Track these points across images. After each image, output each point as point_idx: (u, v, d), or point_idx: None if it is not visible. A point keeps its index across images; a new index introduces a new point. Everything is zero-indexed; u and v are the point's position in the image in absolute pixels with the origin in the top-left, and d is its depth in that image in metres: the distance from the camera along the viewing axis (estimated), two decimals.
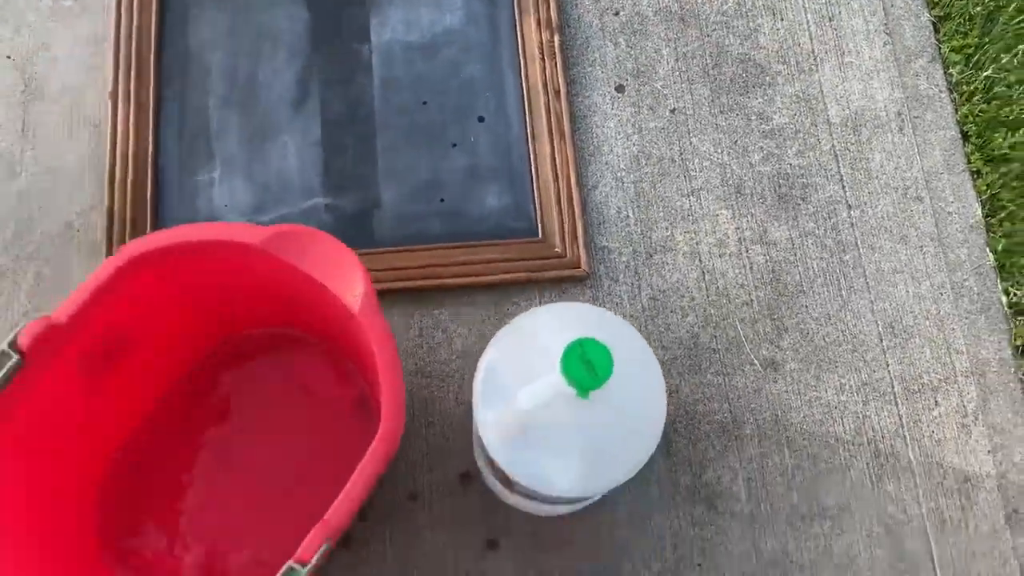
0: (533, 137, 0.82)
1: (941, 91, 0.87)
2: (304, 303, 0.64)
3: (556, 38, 0.84)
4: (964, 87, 0.86)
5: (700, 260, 0.81)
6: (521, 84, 0.84)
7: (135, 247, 0.56)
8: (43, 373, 0.56)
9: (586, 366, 0.47)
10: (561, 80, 0.83)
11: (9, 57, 0.84)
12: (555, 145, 0.82)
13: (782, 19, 0.88)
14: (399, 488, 0.74)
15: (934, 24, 0.89)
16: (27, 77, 0.83)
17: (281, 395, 0.73)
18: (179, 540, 0.69)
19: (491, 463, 0.60)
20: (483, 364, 0.57)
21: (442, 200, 0.81)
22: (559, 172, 0.81)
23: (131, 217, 0.78)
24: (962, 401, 0.77)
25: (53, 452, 0.62)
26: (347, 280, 0.57)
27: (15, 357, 0.53)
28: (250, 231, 0.57)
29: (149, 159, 0.80)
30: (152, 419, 0.71)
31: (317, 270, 0.57)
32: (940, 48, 0.88)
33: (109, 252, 0.77)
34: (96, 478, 0.69)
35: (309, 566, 0.50)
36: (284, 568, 0.51)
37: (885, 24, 0.89)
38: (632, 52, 0.87)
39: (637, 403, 0.54)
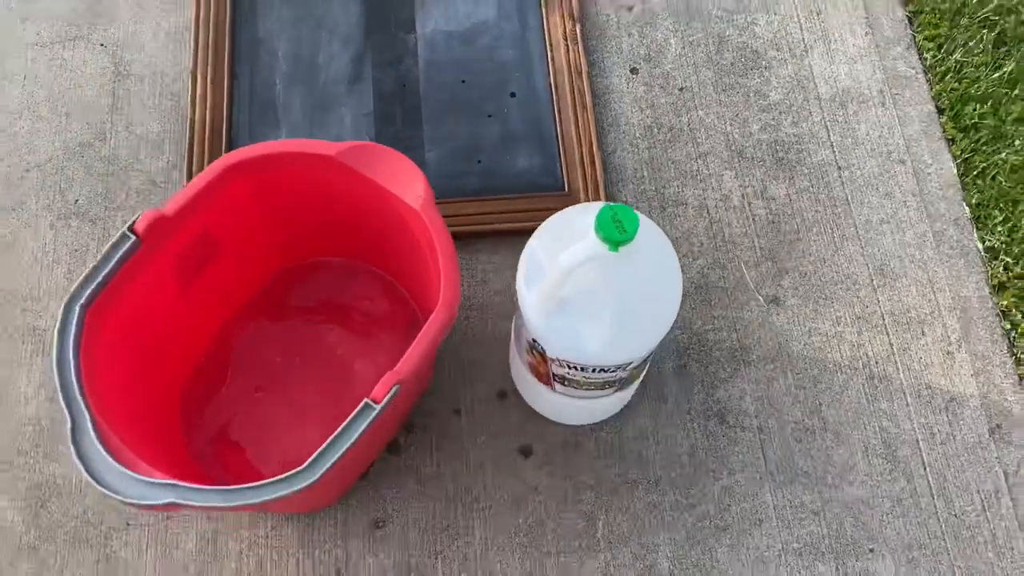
0: (559, 109, 0.93)
1: (917, 73, 0.98)
2: (367, 220, 0.74)
3: (578, 27, 0.97)
4: (937, 69, 0.98)
5: (708, 213, 0.91)
6: (548, 66, 0.96)
7: (234, 156, 0.67)
8: (149, 262, 0.66)
9: (616, 225, 0.57)
10: (583, 62, 0.95)
11: (103, 45, 0.96)
12: (578, 115, 0.93)
13: (775, 13, 1.01)
14: (444, 403, 0.82)
15: (909, 18, 1.01)
16: (117, 61, 0.96)
17: (341, 316, 0.83)
18: (250, 444, 0.78)
19: (531, 351, 0.70)
20: (525, 252, 0.66)
21: (479, 161, 0.92)
22: (582, 137, 0.92)
23: None
24: (946, 332, 0.86)
25: (151, 348, 0.71)
26: (409, 184, 0.67)
27: (132, 239, 0.63)
28: (328, 145, 0.68)
29: (223, 126, 0.91)
30: (228, 330, 0.81)
31: (383, 178, 0.68)
32: (915, 37, 1.00)
33: None
34: (179, 383, 0.78)
35: (381, 405, 0.59)
36: (360, 405, 0.59)
37: (866, 18, 1.01)
38: (644, 41, 0.99)
39: (657, 277, 0.64)
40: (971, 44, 0.98)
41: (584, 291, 0.62)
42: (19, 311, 0.84)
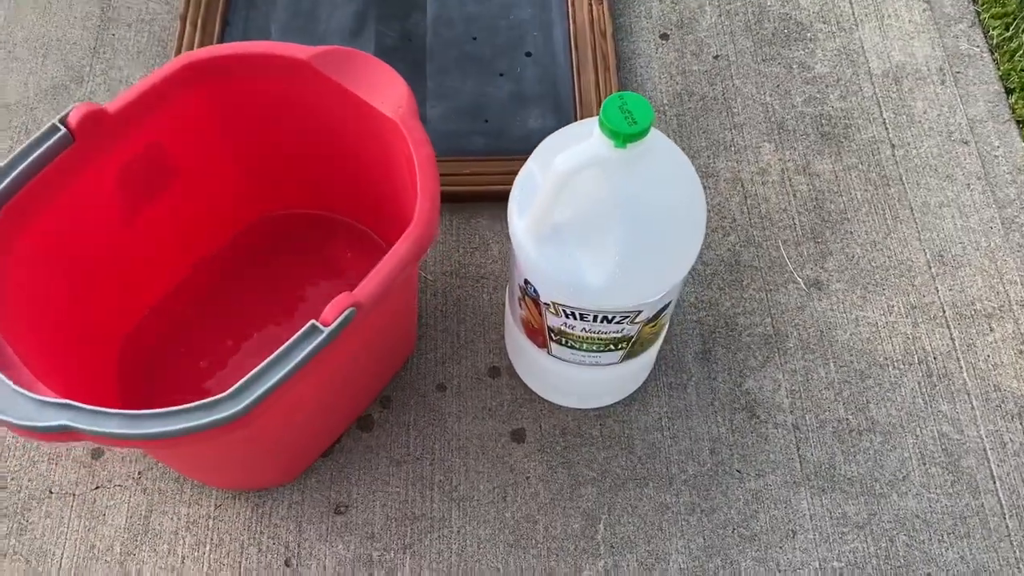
0: (578, 71, 0.84)
1: (983, 51, 0.88)
2: (342, 156, 0.65)
3: None
4: (1005, 48, 0.87)
5: (742, 186, 0.80)
6: (568, 26, 0.87)
7: (190, 55, 0.58)
8: (84, 165, 0.57)
9: (625, 115, 0.46)
10: (608, 22, 0.86)
11: None
12: (599, 76, 0.84)
13: None
14: (427, 379, 0.71)
15: None
16: (104, 5, 0.89)
17: (310, 270, 0.73)
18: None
19: (523, 297, 0.59)
20: (520, 175, 0.56)
21: (486, 121, 0.82)
22: (602, 99, 0.82)
23: None
24: (1018, 328, 0.74)
25: (83, 274, 0.61)
26: (390, 93, 0.58)
27: (63, 131, 0.54)
28: (301, 49, 0.59)
29: None
30: (183, 286, 0.71)
31: (362, 88, 0.58)
32: (979, 15, 0.90)
33: None
34: (123, 331, 0.68)
35: (330, 329, 0.49)
36: (307, 325, 0.49)
37: None
38: (676, 7, 0.90)
39: (674, 196, 0.53)
40: None
41: (584, 209, 0.51)
42: None
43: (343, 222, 0.74)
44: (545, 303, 0.56)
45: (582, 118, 0.81)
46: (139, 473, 0.67)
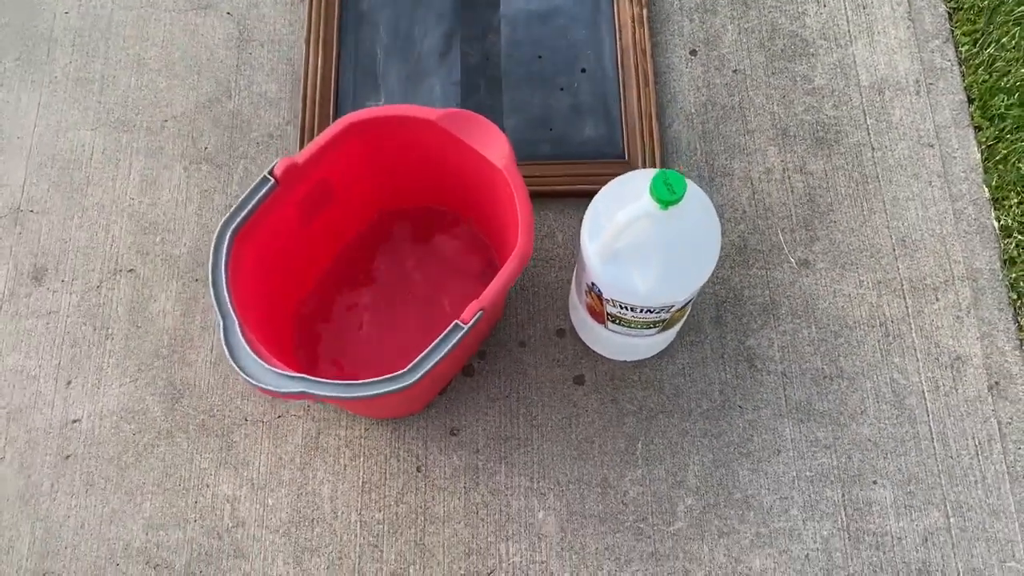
0: (624, 85, 1.06)
1: (952, 65, 1.08)
2: (457, 174, 0.88)
3: (644, 11, 1.08)
4: (971, 62, 1.08)
5: (751, 183, 1.03)
6: (616, 45, 1.08)
7: (352, 117, 0.81)
8: (281, 201, 0.80)
9: (667, 187, 0.69)
10: (648, 43, 1.07)
11: (229, 13, 1.11)
12: (640, 91, 1.05)
13: (824, 5, 1.11)
14: (512, 338, 0.96)
15: (949, 14, 1.11)
16: (242, 28, 1.10)
17: (431, 255, 0.97)
18: (344, 362, 0.93)
19: (589, 293, 0.83)
20: (588, 211, 0.80)
21: (551, 130, 1.05)
22: (643, 112, 1.04)
23: (317, 131, 1.03)
24: (958, 299, 0.98)
25: (275, 274, 0.86)
26: (496, 147, 0.81)
27: (272, 182, 0.78)
28: (429, 111, 0.81)
29: (332, 90, 1.05)
30: (334, 264, 0.96)
31: (474, 140, 0.81)
32: (953, 32, 1.10)
33: None
34: (292, 307, 0.93)
35: (468, 326, 0.73)
36: (451, 325, 0.74)
37: (908, 12, 1.11)
38: (704, 26, 1.10)
39: (700, 233, 0.76)
40: (1004, 40, 1.07)
41: (637, 243, 0.75)
42: (159, 240, 1.00)
43: (455, 215, 0.98)
44: (606, 299, 0.81)
45: (627, 129, 1.03)
46: (308, 406, 0.93)
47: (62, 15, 1.11)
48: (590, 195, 1.01)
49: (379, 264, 0.97)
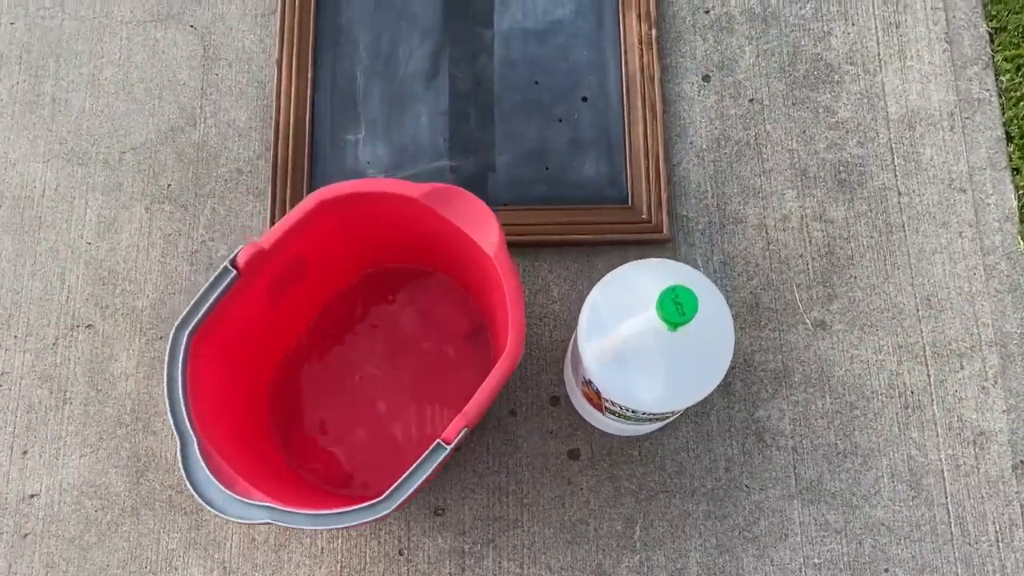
0: (629, 117, 0.96)
1: (992, 96, 0.98)
2: (442, 246, 0.79)
3: (653, 31, 0.98)
4: (1012, 93, 0.98)
5: (766, 232, 0.94)
6: (621, 70, 0.97)
7: (325, 193, 0.72)
8: (246, 289, 0.72)
9: (677, 307, 0.61)
10: (656, 68, 0.97)
11: (192, 26, 1.00)
12: (647, 125, 0.95)
13: (853, 24, 1.00)
14: (501, 406, 0.89)
15: (990, 35, 1.00)
16: (206, 44, 0.99)
17: (409, 320, 0.89)
18: (325, 434, 0.86)
19: (586, 385, 0.76)
20: (587, 304, 0.71)
21: (547, 168, 0.95)
22: (649, 149, 0.95)
23: (291, 167, 0.94)
24: (984, 367, 0.90)
25: (243, 356, 0.78)
26: (485, 230, 0.72)
27: (233, 273, 0.70)
28: (412, 187, 0.72)
29: (307, 119, 0.95)
30: (309, 333, 0.88)
31: (462, 221, 0.72)
32: (994, 57, 1.00)
33: (273, 194, 0.92)
34: (267, 380, 0.86)
35: (452, 445, 0.66)
36: (432, 445, 0.67)
37: (946, 33, 1.00)
38: (719, 47, 1.00)
39: (710, 341, 0.68)
40: None
41: (640, 351, 0.67)
42: (119, 291, 0.92)
43: (440, 277, 0.90)
44: (604, 397, 0.74)
45: (631, 168, 0.94)
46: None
47: (7, 26, 1.00)
48: (589, 245, 0.93)
49: (363, 322, 0.89)
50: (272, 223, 0.91)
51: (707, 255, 0.93)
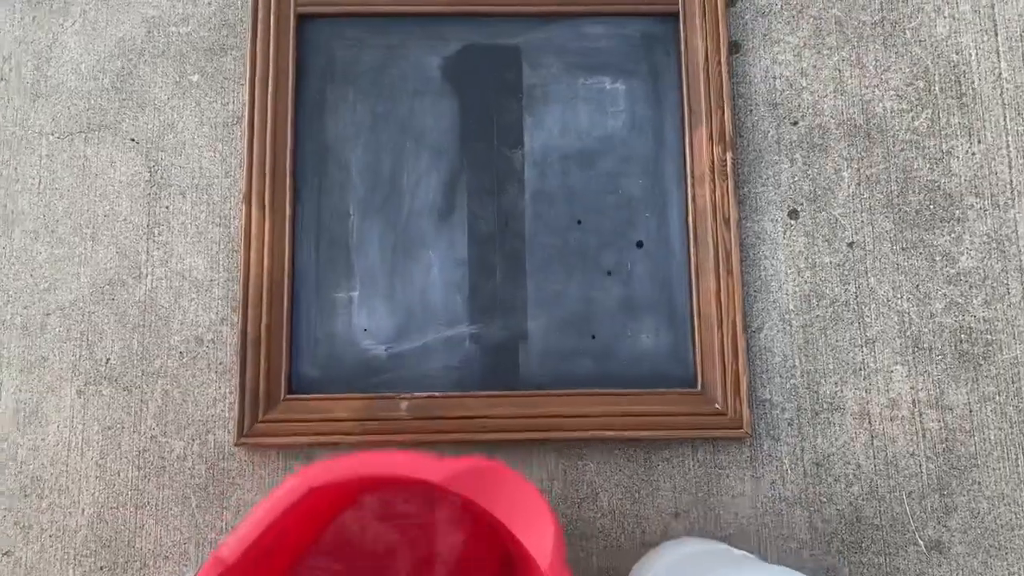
0: (697, 270, 0.75)
1: None
2: (471, 522, 0.59)
3: (729, 156, 0.76)
4: None
5: (870, 422, 0.75)
6: (687, 205, 0.76)
7: (315, 477, 0.52)
8: None
9: None
10: (732, 206, 0.75)
11: (133, 140, 0.77)
12: (722, 282, 0.75)
13: (979, 141, 0.79)
14: None
15: None
16: (152, 164, 0.77)
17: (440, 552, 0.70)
18: None
19: None
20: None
21: (593, 337, 0.75)
22: (724, 314, 0.74)
23: (265, 337, 0.73)
24: None
25: None
26: (535, 528, 0.52)
27: None
28: (434, 465, 0.52)
29: (285, 272, 0.74)
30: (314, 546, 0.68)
31: (503, 511, 0.52)
32: None
33: (242, 375, 0.72)
34: None
35: None
36: None
37: None
38: (809, 171, 0.78)
39: None
40: None
41: None
42: (46, 505, 0.72)
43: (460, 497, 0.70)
44: None
45: (700, 338, 0.74)
46: None
47: None
48: (646, 442, 0.74)
49: (365, 549, 0.70)
50: (242, 412, 0.71)
51: (796, 453, 0.74)
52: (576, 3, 0.78)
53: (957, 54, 0.80)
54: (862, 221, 0.78)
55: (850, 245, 0.77)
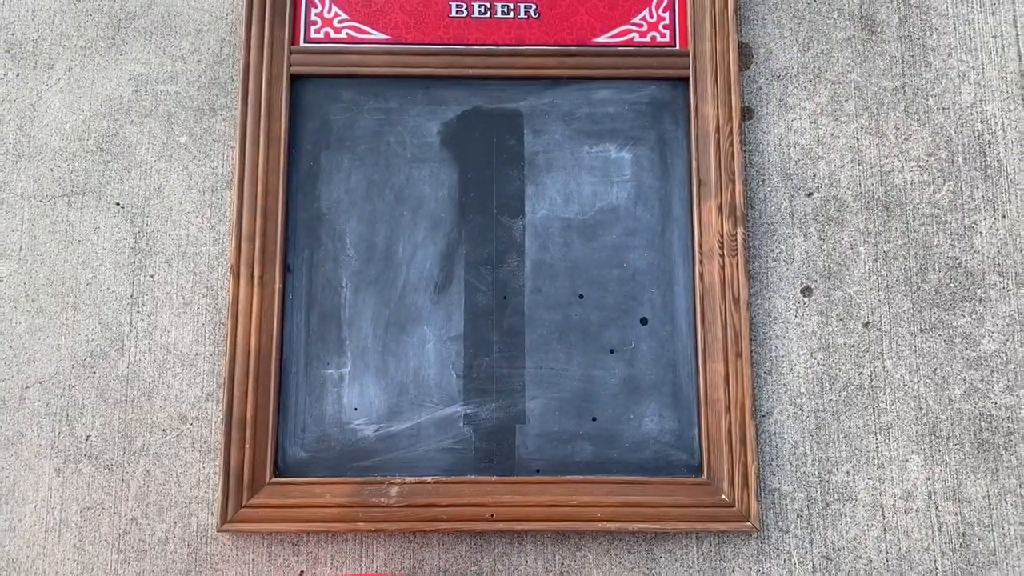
0: (704, 351, 0.72)
1: None
2: None
3: (740, 231, 0.72)
4: None
5: (883, 515, 0.71)
6: (694, 282, 0.73)
7: None
8: None
9: None
10: (742, 284, 0.72)
11: (119, 204, 0.74)
12: (730, 365, 0.71)
13: (1004, 216, 0.75)
14: None
15: None
16: (137, 231, 0.74)
17: None
18: None
19: None
20: None
21: (594, 419, 0.71)
22: (732, 399, 0.71)
23: (252, 416, 0.70)
24: None
25: None
26: None
27: None
28: None
29: (273, 347, 0.71)
30: None
31: None
32: None
33: (226, 457, 0.69)
34: None
35: None
36: None
37: None
38: (824, 246, 0.75)
39: None
40: None
41: None
42: None
43: None
44: None
45: (707, 423, 0.70)
46: None
47: None
48: (648, 535, 0.70)
49: None
50: (225, 496, 0.68)
51: (804, 546, 0.70)
52: (582, 67, 0.75)
53: (982, 123, 0.76)
54: (879, 300, 0.74)
55: (865, 325, 0.74)
